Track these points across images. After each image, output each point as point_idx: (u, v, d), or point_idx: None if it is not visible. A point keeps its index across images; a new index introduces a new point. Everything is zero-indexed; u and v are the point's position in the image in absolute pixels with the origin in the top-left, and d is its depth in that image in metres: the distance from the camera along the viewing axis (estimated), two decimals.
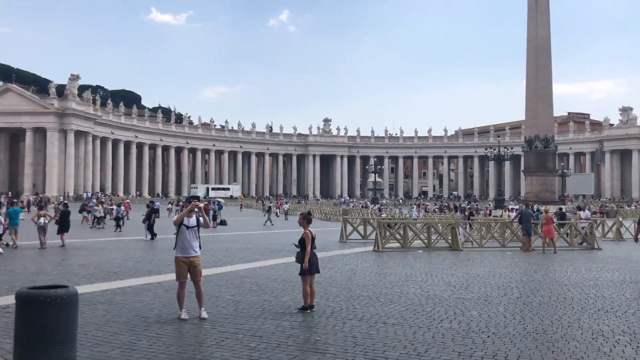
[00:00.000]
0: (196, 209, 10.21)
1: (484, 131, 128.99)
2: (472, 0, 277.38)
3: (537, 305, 11.65)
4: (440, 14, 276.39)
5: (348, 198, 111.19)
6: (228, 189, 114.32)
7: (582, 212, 32.28)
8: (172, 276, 10.92)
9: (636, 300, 12.31)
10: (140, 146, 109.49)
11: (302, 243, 10.82)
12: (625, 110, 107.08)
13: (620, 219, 35.72)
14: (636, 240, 17.33)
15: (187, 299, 10.14)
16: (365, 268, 17.62)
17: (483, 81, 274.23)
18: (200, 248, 10.31)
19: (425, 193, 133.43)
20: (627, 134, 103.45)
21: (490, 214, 45.18)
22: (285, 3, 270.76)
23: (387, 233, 24.12)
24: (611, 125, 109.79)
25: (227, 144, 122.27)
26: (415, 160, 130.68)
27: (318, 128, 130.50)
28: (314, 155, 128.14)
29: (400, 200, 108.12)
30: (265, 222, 44.09)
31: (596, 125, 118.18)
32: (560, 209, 34.42)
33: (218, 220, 40.61)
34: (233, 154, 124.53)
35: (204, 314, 9.83)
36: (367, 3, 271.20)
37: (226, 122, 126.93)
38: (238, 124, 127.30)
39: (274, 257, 20.01)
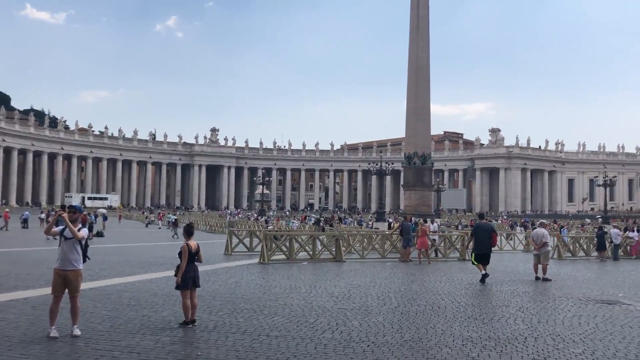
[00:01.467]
0: (76, 220, 9.56)
1: (367, 146, 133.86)
2: (359, 20, 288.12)
3: (413, 314, 12.20)
4: (329, 32, 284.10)
5: (235, 209, 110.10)
6: (106, 198, 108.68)
7: (430, 224, 33.63)
8: (41, 291, 10.16)
9: (501, 308, 13.29)
10: (8, 151, 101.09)
11: (180, 256, 10.54)
12: (494, 132, 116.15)
13: None
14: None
15: (60, 315, 9.45)
16: (250, 280, 17.49)
17: (368, 98, 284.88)
18: (84, 262, 9.65)
19: (311, 205, 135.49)
20: (495, 153, 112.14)
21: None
22: (174, 9, 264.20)
23: (273, 245, 24.17)
24: (482, 144, 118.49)
25: (106, 151, 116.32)
26: (303, 173, 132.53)
27: (205, 137, 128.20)
28: (200, 166, 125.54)
29: (287, 213, 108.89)
30: (173, 235, 42.60)
31: (469, 144, 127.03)
32: (425, 220, 36.26)
33: (94, 232, 38.41)
34: (112, 162, 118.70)
35: (77, 331, 9.19)
36: (258, 15, 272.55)
37: (106, 128, 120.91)
38: (119, 131, 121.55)
39: (155, 270, 19.29)
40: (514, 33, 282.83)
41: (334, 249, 24.80)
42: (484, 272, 18.15)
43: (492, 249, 19.10)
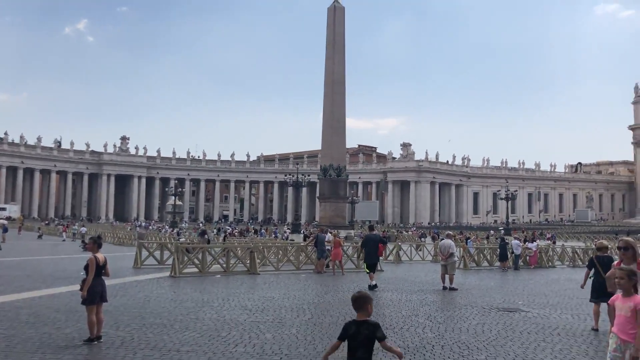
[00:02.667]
0: None
1: (284, 158, 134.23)
2: (278, 32, 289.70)
3: (327, 325, 12.32)
4: (247, 42, 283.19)
5: (145, 221, 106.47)
6: (4, 209, 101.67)
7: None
8: None
9: (410, 318, 13.70)
10: None
11: (87, 269, 10.07)
12: (405, 146, 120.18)
13: (399, 243, 39.57)
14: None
15: None
16: (161, 294, 16.97)
17: (285, 110, 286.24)
18: None
19: (226, 217, 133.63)
20: (407, 167, 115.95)
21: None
22: (85, 12, 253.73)
23: (185, 258, 23.61)
24: (394, 158, 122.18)
25: (5, 158, 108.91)
26: (218, 184, 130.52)
27: (114, 146, 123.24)
28: (109, 175, 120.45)
29: (201, 224, 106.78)
30: (82, 248, 40.27)
31: (382, 158, 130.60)
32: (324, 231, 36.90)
33: None
34: (12, 170, 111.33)
35: None
36: (174, 22, 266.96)
37: (6, 133, 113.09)
38: (20, 137, 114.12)
39: (58, 284, 18.26)
40: (426, 51, 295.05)
41: (248, 262, 24.59)
42: (373, 282, 19.47)
43: (380, 258, 20.91)
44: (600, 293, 11.77)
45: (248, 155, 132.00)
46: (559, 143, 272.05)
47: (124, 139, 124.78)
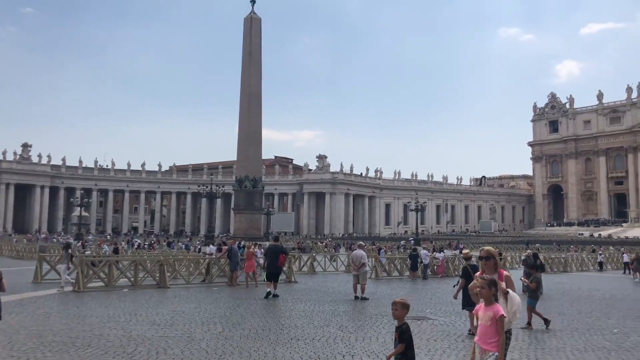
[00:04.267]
0: None
1: (198, 168, 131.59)
2: (194, 42, 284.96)
3: (238, 338, 12.16)
4: (162, 51, 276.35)
5: (48, 233, 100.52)
6: None
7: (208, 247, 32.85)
8: None
9: (322, 328, 13.81)
10: None
11: None
12: (321, 158, 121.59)
13: (314, 254, 39.87)
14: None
15: None
16: (62, 310, 16.09)
17: (200, 121, 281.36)
18: None
19: (135, 229, 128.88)
20: (322, 178, 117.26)
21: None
22: None
23: (90, 271, 22.54)
24: (310, 170, 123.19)
25: None
26: (127, 195, 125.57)
27: (15, 153, 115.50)
28: (8, 184, 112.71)
29: (109, 237, 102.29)
30: None
31: (298, 169, 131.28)
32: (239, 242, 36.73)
33: None
34: None
35: None
36: (85, 27, 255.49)
37: None
38: None
39: None
40: (342, 66, 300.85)
41: (157, 275, 23.83)
42: (273, 290, 20.14)
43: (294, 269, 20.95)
44: (470, 301, 12.86)
45: (160, 165, 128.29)
46: (465, 157, 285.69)
47: (25, 146, 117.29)
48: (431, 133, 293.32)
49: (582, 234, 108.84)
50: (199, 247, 53.20)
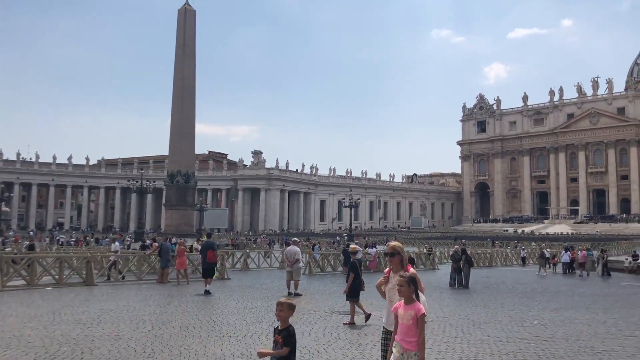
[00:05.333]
0: None
1: (128, 163, 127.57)
2: (124, 32, 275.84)
3: (167, 337, 11.92)
4: (90, 41, 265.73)
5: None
6: None
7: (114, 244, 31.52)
8: None
9: (254, 324, 13.76)
10: None
11: None
12: (257, 154, 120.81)
13: (248, 250, 39.58)
14: None
15: None
16: None
17: (131, 114, 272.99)
18: None
19: (61, 224, 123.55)
20: (257, 174, 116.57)
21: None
22: None
23: (11, 269, 21.43)
24: (245, 166, 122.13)
25: None
26: (52, 189, 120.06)
27: None
28: None
29: (32, 233, 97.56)
30: None
31: (232, 165, 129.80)
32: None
33: None
34: None
35: None
36: (7, 15, 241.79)
37: None
38: None
39: None
40: (279, 62, 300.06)
41: (84, 272, 22.97)
42: (207, 287, 20.28)
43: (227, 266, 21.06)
44: (356, 292, 14.56)
45: (87, 159, 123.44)
46: (398, 155, 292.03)
47: None
48: (366, 130, 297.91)
49: (507, 230, 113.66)
50: (129, 243, 51.70)
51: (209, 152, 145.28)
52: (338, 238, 76.07)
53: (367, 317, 14.25)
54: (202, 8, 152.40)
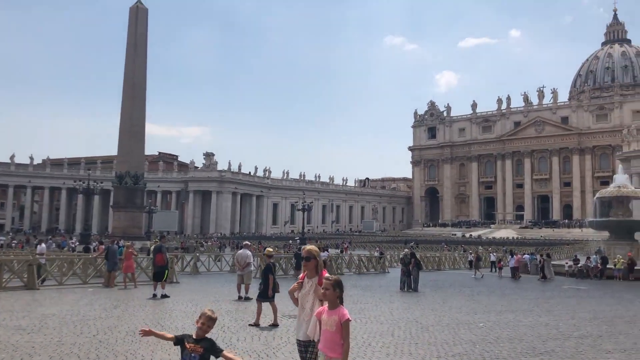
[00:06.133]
0: None
1: (74, 163, 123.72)
2: (73, 28, 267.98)
3: (113, 342, 11.63)
4: (35, 34, 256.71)
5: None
6: None
7: (39, 245, 30.74)
8: None
9: None
10: None
11: None
12: (209, 156, 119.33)
13: (198, 254, 39.07)
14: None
15: None
16: None
17: (79, 112, 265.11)
18: None
19: (2, 226, 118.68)
20: (209, 176, 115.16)
21: None
22: None
23: None
24: (196, 168, 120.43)
25: None
26: None
27: None
28: None
29: None
30: None
31: (183, 166, 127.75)
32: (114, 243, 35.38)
33: None
34: None
35: None
36: None
37: None
38: None
39: None
40: (232, 63, 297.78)
41: (26, 276, 22.13)
42: (161, 290, 20.14)
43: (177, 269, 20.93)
44: (265, 294, 14.81)
45: (32, 158, 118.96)
46: (351, 159, 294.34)
47: None
48: (320, 134, 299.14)
49: (455, 234, 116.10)
50: (74, 245, 50.21)
51: (159, 153, 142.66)
52: (290, 242, 75.98)
53: (274, 325, 14.41)
54: (154, 7, 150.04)
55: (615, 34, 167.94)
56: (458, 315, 17.78)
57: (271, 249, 17.71)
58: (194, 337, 5.98)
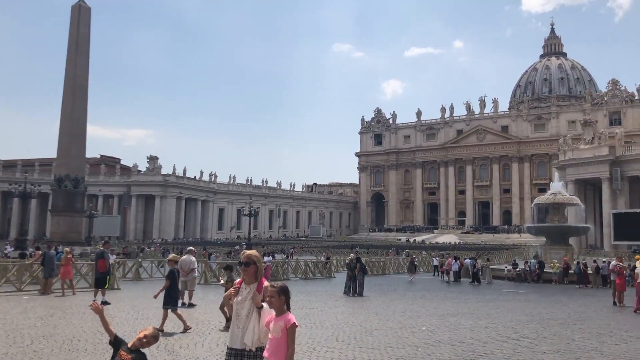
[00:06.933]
0: None
1: (10, 165, 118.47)
2: (10, 25, 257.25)
3: (49, 351, 11.23)
4: None
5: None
6: None
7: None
8: None
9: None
10: None
11: None
12: (152, 159, 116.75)
13: (140, 260, 38.12)
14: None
15: None
16: None
17: (14, 112, 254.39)
18: None
19: None
20: (152, 180, 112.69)
21: None
22: None
23: None
24: (139, 171, 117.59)
25: None
26: None
27: None
28: None
29: None
30: None
31: (126, 170, 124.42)
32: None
33: None
34: None
35: None
36: None
37: None
38: None
39: None
40: (178, 66, 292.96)
41: None
42: (101, 297, 19.95)
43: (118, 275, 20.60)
44: (173, 300, 14.87)
45: None
46: (299, 165, 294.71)
47: None
48: (268, 139, 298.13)
49: (400, 239, 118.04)
50: (8, 251, 48.05)
51: (101, 156, 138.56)
52: (237, 247, 75.24)
53: (186, 329, 14.33)
54: (99, 6, 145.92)
55: (553, 47, 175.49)
56: (402, 318, 18.06)
57: (176, 255, 17.80)
58: (129, 346, 5.81)
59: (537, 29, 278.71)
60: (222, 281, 16.05)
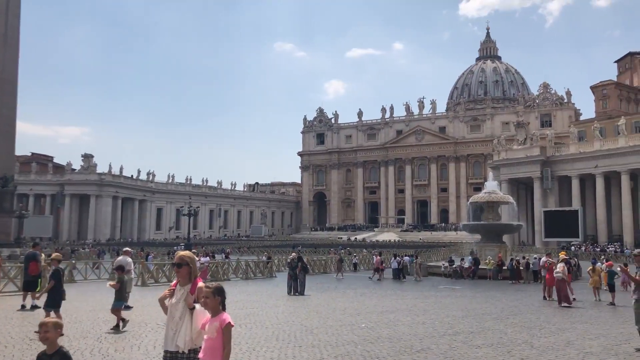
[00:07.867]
0: None
1: None
2: None
3: None
4: None
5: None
6: None
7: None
8: None
9: (77, 340, 12.81)
10: None
11: None
12: (87, 157, 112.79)
13: (74, 261, 36.81)
14: None
15: None
16: None
17: None
18: None
19: None
20: (87, 179, 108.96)
21: None
22: None
23: None
24: (73, 170, 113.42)
25: None
26: None
27: None
28: None
29: None
30: None
31: (59, 168, 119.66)
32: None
33: None
34: None
35: None
36: None
37: None
38: None
39: None
40: (115, 63, 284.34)
41: None
42: (32, 301, 19.11)
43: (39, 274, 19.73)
44: (54, 302, 14.26)
45: None
46: (240, 164, 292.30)
47: None
48: (208, 138, 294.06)
49: (342, 238, 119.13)
50: None
51: (32, 154, 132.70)
52: (175, 248, 73.81)
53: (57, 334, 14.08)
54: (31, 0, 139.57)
55: (488, 50, 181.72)
56: (342, 316, 18.23)
57: (59, 254, 17.43)
58: (46, 352, 5.63)
59: (474, 33, 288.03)
60: (111, 282, 15.52)
